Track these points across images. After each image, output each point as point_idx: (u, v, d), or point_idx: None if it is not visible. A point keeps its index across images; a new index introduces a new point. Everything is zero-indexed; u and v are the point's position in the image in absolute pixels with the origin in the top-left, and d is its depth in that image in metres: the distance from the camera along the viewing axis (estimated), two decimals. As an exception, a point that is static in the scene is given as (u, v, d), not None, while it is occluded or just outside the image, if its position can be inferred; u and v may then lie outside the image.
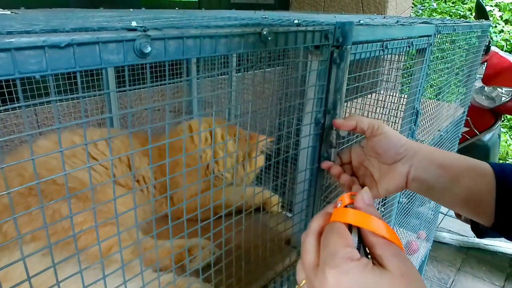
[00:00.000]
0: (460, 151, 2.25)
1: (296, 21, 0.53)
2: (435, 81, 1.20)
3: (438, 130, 1.46)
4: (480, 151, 2.36)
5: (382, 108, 1.12)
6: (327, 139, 0.66)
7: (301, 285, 0.38)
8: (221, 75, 1.66)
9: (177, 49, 0.37)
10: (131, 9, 1.17)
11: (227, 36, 0.41)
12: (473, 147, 2.35)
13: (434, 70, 1.10)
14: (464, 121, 1.84)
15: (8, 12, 0.90)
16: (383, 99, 1.11)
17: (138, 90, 1.51)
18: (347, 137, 0.76)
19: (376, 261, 0.35)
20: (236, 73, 1.60)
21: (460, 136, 1.91)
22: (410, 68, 1.01)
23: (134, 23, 0.35)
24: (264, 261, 0.66)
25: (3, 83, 1.13)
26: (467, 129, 2.33)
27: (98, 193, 0.76)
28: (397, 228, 1.83)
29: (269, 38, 0.46)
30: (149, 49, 0.34)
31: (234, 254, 0.57)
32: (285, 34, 0.49)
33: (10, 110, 1.21)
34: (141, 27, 0.34)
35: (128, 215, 0.58)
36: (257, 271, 0.65)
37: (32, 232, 0.62)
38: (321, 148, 0.66)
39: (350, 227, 0.37)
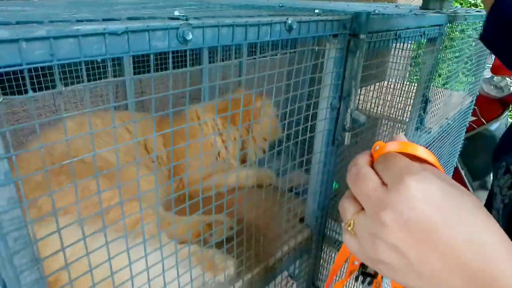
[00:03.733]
0: (467, 140, 2.27)
1: (316, 11, 0.57)
2: (444, 70, 1.22)
3: (446, 118, 1.49)
4: (487, 140, 2.38)
5: (392, 96, 1.15)
6: (342, 123, 0.70)
7: (350, 222, 0.33)
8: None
9: (213, 36, 0.41)
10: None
11: (256, 25, 0.45)
12: (480, 137, 2.37)
13: (443, 59, 1.12)
14: (471, 110, 1.86)
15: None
16: (394, 87, 1.14)
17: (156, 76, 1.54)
18: (363, 123, 0.80)
19: None
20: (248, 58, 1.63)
21: (467, 125, 1.93)
22: (417, 57, 1.03)
23: (176, 13, 0.38)
24: (279, 237, 0.71)
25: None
26: (475, 118, 2.34)
27: (123, 172, 0.80)
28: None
29: (294, 27, 0.49)
30: (190, 36, 0.38)
31: (251, 230, 0.62)
32: (307, 23, 0.52)
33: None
34: (184, 16, 0.38)
35: (151, 194, 0.63)
36: (272, 246, 0.70)
37: (66, 207, 0.67)
38: (336, 131, 0.70)
39: None
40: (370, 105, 1.15)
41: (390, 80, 1.14)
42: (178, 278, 0.50)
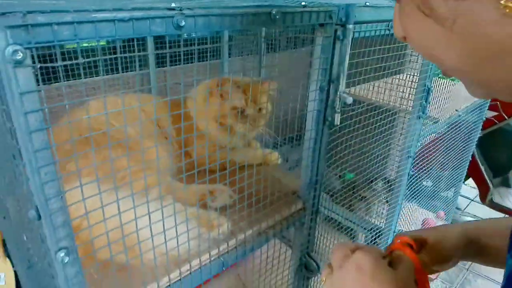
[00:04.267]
0: (488, 135, 2.25)
1: (303, 3, 0.65)
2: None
3: (456, 110, 1.52)
4: (508, 136, 2.35)
5: (396, 86, 1.21)
6: (332, 105, 0.77)
7: (323, 279, 0.49)
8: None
9: (204, 24, 0.50)
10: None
11: (243, 15, 0.54)
12: (501, 132, 2.34)
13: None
14: (488, 104, 1.86)
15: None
16: (395, 78, 1.19)
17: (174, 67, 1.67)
18: (352, 106, 0.87)
19: None
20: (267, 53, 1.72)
21: (484, 119, 1.93)
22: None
23: (173, 4, 0.48)
24: (273, 205, 0.80)
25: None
26: (496, 113, 2.32)
27: (140, 145, 0.92)
28: (415, 205, 1.91)
29: (277, 17, 0.58)
30: (183, 23, 0.47)
31: (248, 200, 0.72)
32: (291, 14, 0.61)
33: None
34: (178, 7, 0.48)
35: (161, 164, 0.73)
36: (267, 214, 0.79)
37: (86, 168, 0.79)
38: (326, 112, 0.78)
39: None
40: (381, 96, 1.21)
41: (408, 73, 1.19)
42: (176, 226, 0.60)
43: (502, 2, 0.25)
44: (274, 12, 0.57)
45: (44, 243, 0.47)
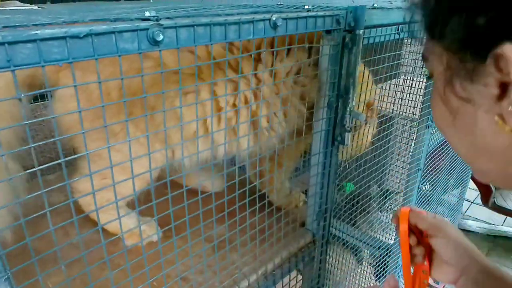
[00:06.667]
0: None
1: (306, 7, 0.54)
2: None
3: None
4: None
5: (400, 93, 1.11)
6: (342, 123, 0.67)
7: None
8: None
9: (188, 36, 0.39)
10: (151, 0, 1.20)
11: (236, 23, 0.43)
12: None
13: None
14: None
15: (35, 7, 0.95)
16: (403, 84, 1.10)
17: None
18: (365, 122, 0.77)
19: None
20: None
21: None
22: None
23: (147, 13, 0.37)
24: (279, 241, 0.69)
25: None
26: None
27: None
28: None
29: (278, 24, 0.47)
30: (161, 37, 0.36)
31: (248, 233, 0.60)
32: (294, 20, 0.50)
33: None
34: (154, 16, 0.36)
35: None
36: (272, 251, 0.67)
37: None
38: (335, 131, 0.67)
39: None
40: (383, 104, 1.12)
41: (400, 76, 1.10)
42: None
43: (496, 118, 0.30)
44: (274, 18, 0.47)
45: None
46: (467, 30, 0.29)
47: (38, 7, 0.93)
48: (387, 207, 1.41)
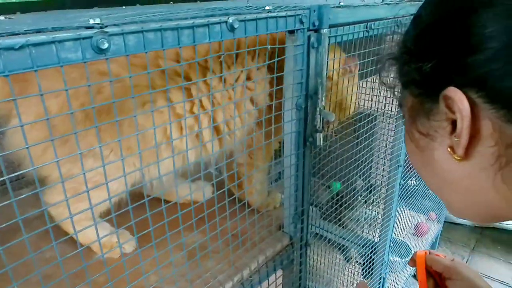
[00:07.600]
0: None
1: (267, 7, 0.54)
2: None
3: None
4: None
5: (378, 90, 1.11)
6: (312, 123, 0.66)
7: None
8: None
9: (138, 43, 0.38)
10: (123, 7, 1.18)
11: (190, 27, 0.42)
12: None
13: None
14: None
15: (2, 18, 0.93)
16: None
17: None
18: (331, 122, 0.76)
19: None
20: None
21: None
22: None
23: (92, 21, 0.36)
24: (254, 246, 0.68)
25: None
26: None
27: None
28: (405, 210, 1.83)
29: (235, 27, 0.46)
30: (106, 45, 0.35)
31: (221, 239, 0.59)
32: (254, 22, 0.49)
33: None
34: (98, 24, 0.35)
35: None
36: (248, 256, 0.66)
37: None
38: (306, 132, 0.66)
39: None
40: (366, 101, 1.11)
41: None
42: None
43: (448, 149, 0.34)
44: (231, 21, 0.46)
45: None
46: (418, 75, 0.34)
47: (5, 18, 0.91)
48: (372, 201, 1.41)
